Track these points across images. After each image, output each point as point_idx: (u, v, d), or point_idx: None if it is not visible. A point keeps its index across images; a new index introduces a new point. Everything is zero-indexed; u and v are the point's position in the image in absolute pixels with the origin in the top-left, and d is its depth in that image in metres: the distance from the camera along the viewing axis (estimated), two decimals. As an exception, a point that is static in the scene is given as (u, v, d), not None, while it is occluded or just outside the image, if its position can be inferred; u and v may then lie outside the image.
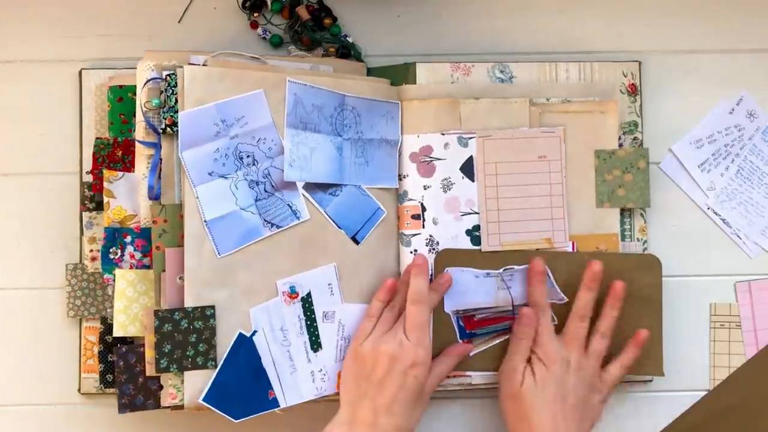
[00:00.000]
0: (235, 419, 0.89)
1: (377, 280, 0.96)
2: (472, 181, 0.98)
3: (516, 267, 0.95)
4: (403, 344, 0.88)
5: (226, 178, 0.90)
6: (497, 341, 0.96)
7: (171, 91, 0.89)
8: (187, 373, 0.88)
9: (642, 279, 0.96)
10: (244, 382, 0.89)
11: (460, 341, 0.96)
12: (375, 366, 0.88)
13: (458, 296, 0.95)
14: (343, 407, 0.89)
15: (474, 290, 0.96)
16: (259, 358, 0.90)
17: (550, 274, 0.94)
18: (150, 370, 0.88)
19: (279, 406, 0.91)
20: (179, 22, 1.00)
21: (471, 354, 0.96)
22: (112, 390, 0.96)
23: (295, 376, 0.92)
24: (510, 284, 0.95)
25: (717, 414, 0.99)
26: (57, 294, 0.98)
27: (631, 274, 0.96)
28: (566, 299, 0.95)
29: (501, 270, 0.94)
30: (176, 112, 0.89)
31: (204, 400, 0.87)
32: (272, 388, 0.90)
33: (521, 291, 0.95)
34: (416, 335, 0.89)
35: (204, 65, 0.90)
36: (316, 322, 0.93)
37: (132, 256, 0.91)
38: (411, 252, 0.97)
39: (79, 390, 0.97)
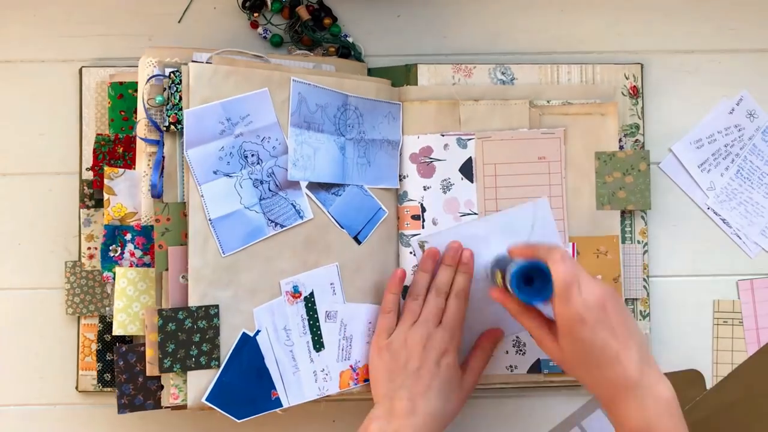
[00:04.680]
0: (238, 419, 0.88)
1: (378, 280, 0.96)
2: (471, 182, 0.99)
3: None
4: (435, 333, 0.90)
5: (230, 176, 0.89)
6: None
7: (175, 88, 0.88)
8: (190, 373, 0.87)
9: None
10: (247, 382, 0.89)
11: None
12: (409, 357, 0.89)
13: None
14: (379, 402, 0.89)
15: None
16: (263, 358, 0.89)
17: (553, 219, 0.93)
18: (152, 370, 0.87)
19: (282, 406, 0.90)
20: (179, 22, 1.00)
21: None
22: (109, 389, 0.95)
23: (298, 376, 0.91)
24: None
25: (719, 410, 1.00)
26: (56, 293, 0.97)
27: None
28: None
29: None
30: (180, 109, 0.88)
31: (207, 399, 0.87)
32: (275, 388, 0.90)
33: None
34: (450, 326, 0.91)
35: (209, 62, 0.89)
36: (318, 321, 0.93)
37: (132, 254, 0.90)
38: (411, 252, 0.97)
39: (76, 388, 0.96)
